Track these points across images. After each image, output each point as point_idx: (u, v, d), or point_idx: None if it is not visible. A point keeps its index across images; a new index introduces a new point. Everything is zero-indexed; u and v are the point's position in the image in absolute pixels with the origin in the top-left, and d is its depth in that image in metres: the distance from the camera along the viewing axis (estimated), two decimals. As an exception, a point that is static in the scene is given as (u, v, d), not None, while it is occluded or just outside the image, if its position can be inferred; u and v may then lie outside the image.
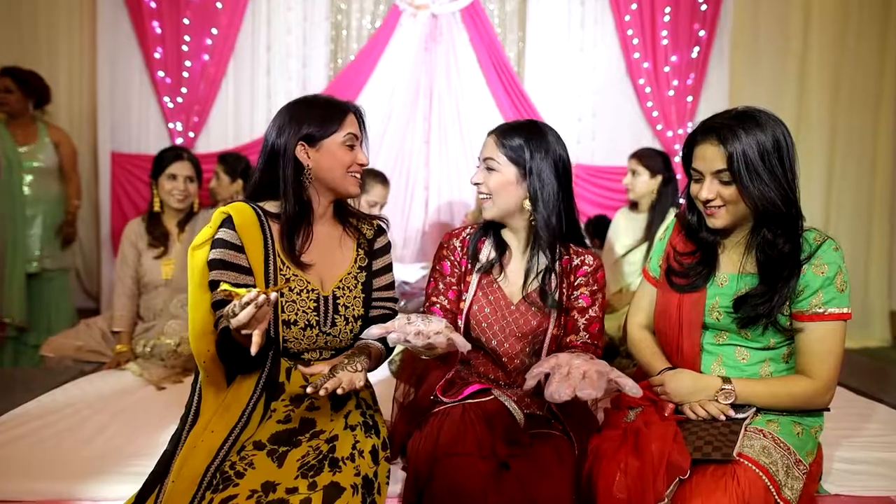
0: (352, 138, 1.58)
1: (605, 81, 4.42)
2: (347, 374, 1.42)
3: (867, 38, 4.51)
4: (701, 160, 1.48)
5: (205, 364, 1.50)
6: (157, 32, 4.09)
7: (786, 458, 1.39)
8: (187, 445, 1.42)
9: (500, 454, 1.45)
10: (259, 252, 1.52)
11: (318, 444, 1.45)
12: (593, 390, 1.25)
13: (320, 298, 1.56)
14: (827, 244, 1.47)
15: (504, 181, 1.64)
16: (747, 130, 1.41)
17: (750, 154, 1.40)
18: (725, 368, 1.55)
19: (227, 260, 1.48)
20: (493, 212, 1.67)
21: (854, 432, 1.93)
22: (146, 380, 2.42)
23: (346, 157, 1.56)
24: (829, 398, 1.49)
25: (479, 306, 1.68)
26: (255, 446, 1.43)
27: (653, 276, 1.71)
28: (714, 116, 1.50)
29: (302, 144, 1.53)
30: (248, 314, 1.20)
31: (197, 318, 1.50)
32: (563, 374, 1.29)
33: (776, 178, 1.42)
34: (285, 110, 1.58)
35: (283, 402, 1.52)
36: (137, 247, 2.70)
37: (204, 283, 1.50)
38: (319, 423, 1.51)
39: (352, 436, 1.50)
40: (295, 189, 1.54)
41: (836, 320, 1.45)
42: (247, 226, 1.52)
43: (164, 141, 4.14)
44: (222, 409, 1.47)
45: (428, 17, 4.21)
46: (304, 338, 1.54)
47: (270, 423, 1.48)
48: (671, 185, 3.14)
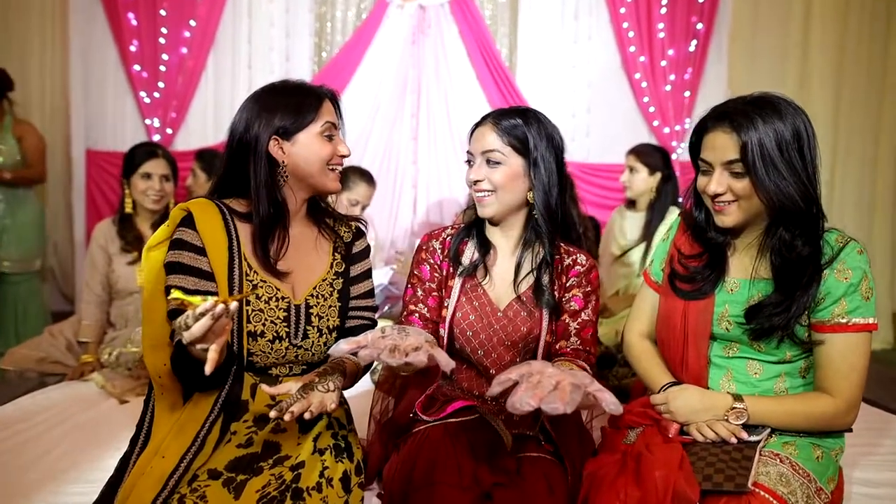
0: (330, 128, 1.41)
1: (600, 76, 4.29)
2: (318, 395, 1.25)
3: (869, 33, 4.40)
4: (711, 150, 1.32)
5: (161, 379, 1.33)
6: (132, 24, 3.93)
7: (805, 486, 1.24)
8: (135, 472, 1.27)
9: (483, 483, 1.29)
10: (223, 255, 1.35)
11: (282, 471, 1.29)
12: (561, 404, 1.05)
13: (291, 307, 1.40)
14: (850, 246, 1.31)
15: (511, 174, 1.48)
16: (765, 118, 1.26)
17: (767, 144, 1.24)
18: (736, 384, 1.39)
19: (186, 263, 1.31)
20: (494, 209, 1.50)
21: (871, 449, 1.78)
22: (109, 392, 2.25)
23: (324, 150, 1.40)
24: (851, 418, 1.33)
25: (462, 313, 1.53)
26: (210, 475, 1.26)
27: (654, 281, 1.55)
28: (727, 102, 1.35)
29: (275, 139, 1.36)
30: (202, 327, 1.04)
31: (152, 328, 1.34)
32: (533, 383, 1.10)
33: (795, 172, 1.26)
34: (252, 101, 1.40)
35: (245, 422, 1.35)
36: (108, 251, 2.53)
37: (160, 287, 1.33)
38: (285, 448, 1.34)
39: (320, 461, 1.33)
40: (268, 188, 1.37)
41: (860, 331, 1.29)
42: (209, 225, 1.35)
43: (140, 138, 3.97)
44: (176, 429, 1.30)
45: (416, 9, 4.07)
46: (271, 351, 1.37)
47: (229, 448, 1.31)
48: (670, 182, 3.04)
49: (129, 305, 2.51)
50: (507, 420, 1.46)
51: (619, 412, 1.08)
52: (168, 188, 2.56)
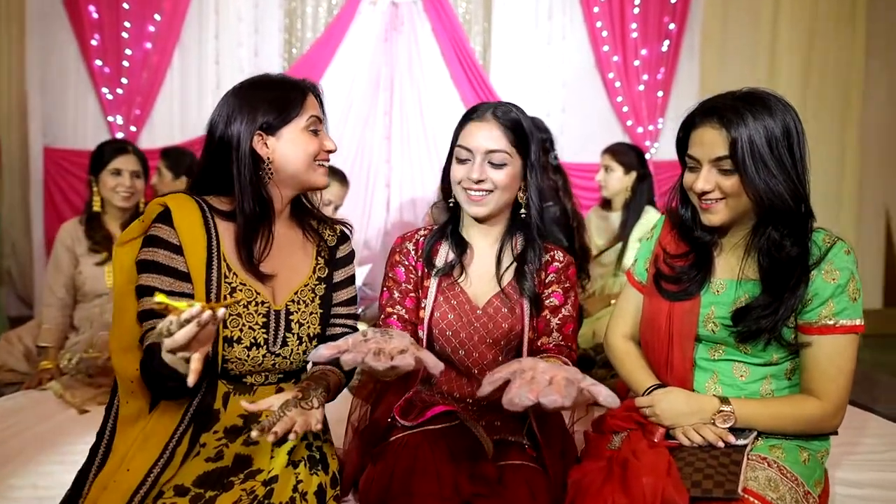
0: (315, 122, 1.36)
1: (574, 75, 4.29)
2: (302, 413, 1.18)
3: (836, 33, 4.49)
4: (699, 145, 1.28)
5: (131, 385, 1.25)
6: (93, 18, 3.80)
7: (794, 490, 1.22)
8: (97, 485, 1.19)
9: (463, 493, 1.24)
10: (201, 254, 1.27)
11: (254, 486, 1.21)
12: (559, 397, 1.02)
13: (271, 313, 1.33)
14: (838, 247, 1.29)
15: (513, 174, 1.45)
16: (755, 114, 1.23)
17: (757, 140, 1.21)
18: (722, 387, 1.36)
19: (162, 262, 1.24)
20: (489, 209, 1.45)
21: (851, 448, 1.78)
22: (68, 402, 2.14)
23: (310, 145, 1.34)
24: (838, 421, 1.32)
25: (441, 313, 1.48)
26: (177, 491, 1.18)
27: (638, 281, 1.51)
28: (716, 97, 1.31)
29: (259, 134, 1.31)
30: (187, 334, 0.95)
31: (121, 330, 1.27)
32: (527, 379, 1.06)
33: (785, 170, 1.23)
34: (233, 96, 1.33)
35: (216, 433, 1.27)
36: (75, 252, 2.43)
37: (131, 287, 1.26)
38: (257, 461, 1.26)
39: (293, 475, 1.26)
40: (253, 186, 1.31)
41: (847, 333, 1.27)
42: (187, 222, 1.28)
43: (102, 135, 3.84)
44: (141, 440, 1.22)
45: (388, 6, 4.01)
46: (248, 358, 1.30)
47: (197, 462, 1.23)
48: (646, 181, 3.05)
49: (96, 308, 2.42)
50: (487, 426, 1.42)
51: (616, 405, 1.05)
52: (138, 185, 2.48)
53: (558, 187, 2.36)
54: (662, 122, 4.29)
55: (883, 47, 4.71)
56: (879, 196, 4.86)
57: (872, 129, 4.75)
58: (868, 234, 4.82)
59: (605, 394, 1.05)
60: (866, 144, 4.70)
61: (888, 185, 4.89)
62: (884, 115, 4.80)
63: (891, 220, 4.93)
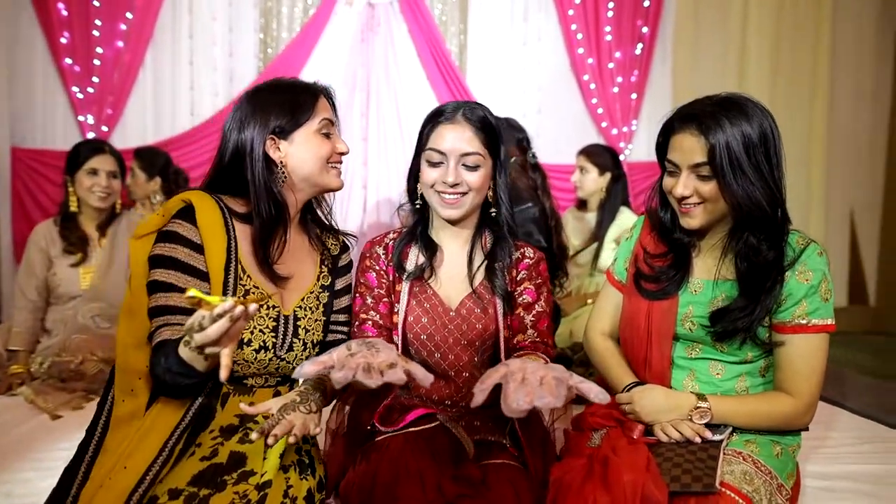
0: (327, 125, 1.37)
1: (550, 77, 4.33)
2: (300, 417, 1.18)
3: (802, 40, 4.62)
4: (678, 151, 1.31)
5: (136, 382, 1.25)
6: (62, 15, 3.72)
7: (768, 483, 1.25)
8: (92, 483, 1.19)
9: (447, 494, 1.24)
10: (221, 255, 1.27)
11: (247, 490, 1.21)
12: (553, 398, 1.03)
13: (280, 317, 1.34)
14: (811, 248, 1.33)
15: (486, 175, 1.45)
16: (732, 120, 1.25)
17: (734, 147, 1.24)
18: (699, 384, 1.40)
19: (181, 259, 1.23)
20: (463, 211, 1.45)
21: (821, 442, 1.83)
22: (40, 407, 2.08)
23: (323, 147, 1.35)
24: (809, 418, 1.36)
25: (414, 317, 1.48)
26: (171, 495, 1.17)
27: (618, 280, 1.54)
28: (694, 102, 1.33)
29: (272, 138, 1.32)
30: (220, 329, 0.95)
31: (135, 325, 1.26)
32: (518, 381, 1.07)
33: (762, 176, 1.26)
34: (246, 101, 1.35)
35: (212, 432, 1.28)
36: (49, 253, 2.39)
37: (145, 282, 1.25)
38: (250, 461, 1.25)
39: (284, 479, 1.25)
40: (268, 189, 1.32)
41: (819, 332, 1.31)
42: (210, 221, 1.28)
43: (73, 135, 3.77)
44: (138, 438, 1.21)
45: (364, 7, 4.00)
46: (255, 361, 1.31)
47: (192, 461, 1.23)
48: (620, 182, 3.08)
49: (69, 310, 2.37)
50: (468, 426, 1.43)
51: (606, 400, 1.06)
52: (115, 185, 2.45)
53: (537, 186, 2.38)
54: (636, 123, 4.35)
55: (848, 52, 4.84)
56: (845, 198, 5.00)
57: (838, 132, 4.87)
58: (834, 234, 4.95)
59: (595, 391, 1.06)
60: (832, 147, 4.82)
61: (853, 187, 5.03)
62: (849, 119, 4.93)
63: (855, 220, 5.08)
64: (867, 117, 5.00)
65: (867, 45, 4.91)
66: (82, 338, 2.32)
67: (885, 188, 5.11)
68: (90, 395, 2.20)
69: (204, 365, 1.07)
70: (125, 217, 2.54)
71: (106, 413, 1.28)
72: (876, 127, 5.05)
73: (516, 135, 2.42)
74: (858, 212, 5.07)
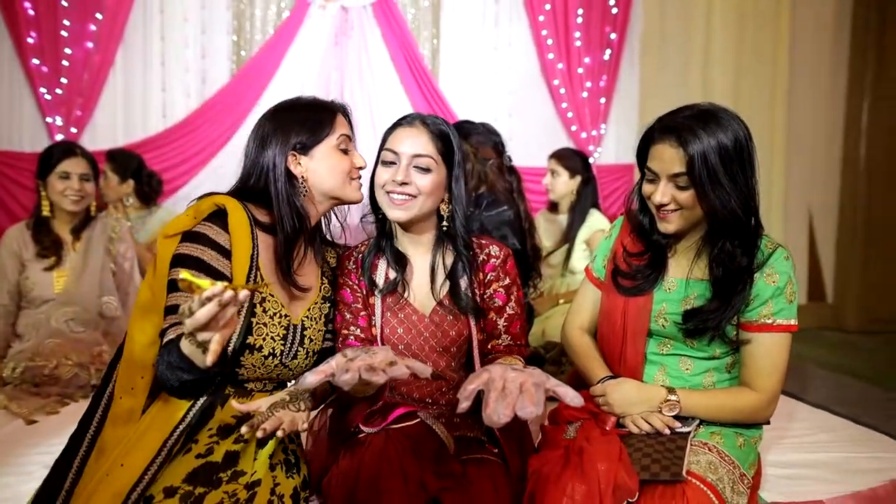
0: (345, 140, 1.43)
1: (521, 82, 4.39)
2: (289, 414, 1.23)
3: (761, 49, 4.76)
4: (658, 161, 1.37)
5: (139, 381, 1.28)
6: (29, 14, 3.65)
7: (731, 472, 1.33)
8: (89, 479, 1.21)
9: (430, 488, 1.29)
10: (245, 263, 1.30)
11: (236, 489, 1.24)
12: (534, 407, 1.07)
13: (290, 326, 1.38)
14: (779, 252, 1.41)
15: (438, 182, 1.47)
16: (709, 133, 1.31)
17: (711, 160, 1.30)
18: (669, 378, 1.47)
19: (207, 261, 1.26)
20: (411, 214, 1.46)
21: (782, 433, 1.93)
22: (14, 413, 2.07)
23: (343, 162, 1.42)
24: (771, 412, 1.45)
25: (390, 329, 1.51)
26: (166, 493, 1.19)
27: (596, 277, 1.61)
28: (674, 114, 1.39)
29: (293, 154, 1.37)
30: (208, 313, 0.95)
31: (150, 323, 1.29)
32: (499, 390, 1.11)
33: (737, 186, 1.33)
34: (266, 120, 1.42)
35: (209, 431, 1.30)
36: (21, 257, 2.37)
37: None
38: (242, 461, 1.29)
39: (271, 477, 1.29)
40: (291, 203, 1.37)
41: (783, 332, 1.40)
42: (239, 229, 1.32)
43: (41, 136, 3.73)
44: (137, 436, 1.24)
45: (338, 10, 4.02)
46: (262, 366, 1.35)
47: (187, 459, 1.25)
48: (590, 185, 3.15)
49: (42, 314, 2.35)
50: (448, 423, 1.47)
51: (580, 404, 1.11)
52: (88, 188, 2.44)
53: (513, 189, 2.43)
54: (605, 127, 4.45)
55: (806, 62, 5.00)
56: (803, 199, 5.16)
57: (797, 137, 5.03)
58: (794, 234, 5.10)
59: (570, 395, 1.11)
60: (791, 151, 4.98)
61: (811, 188, 5.19)
62: (807, 124, 5.09)
63: (813, 220, 5.25)
64: (824, 123, 5.18)
65: (824, 54, 5.10)
66: (56, 342, 2.31)
67: (841, 190, 5.28)
68: (65, 400, 2.19)
69: (203, 360, 1.06)
70: (100, 221, 2.52)
71: (102, 409, 1.30)
72: (832, 132, 5.23)
73: (492, 138, 2.47)
74: (816, 212, 5.23)
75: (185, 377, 1.16)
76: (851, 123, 5.21)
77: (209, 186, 3.88)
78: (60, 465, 1.31)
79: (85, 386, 2.26)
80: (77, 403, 2.17)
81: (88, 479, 1.24)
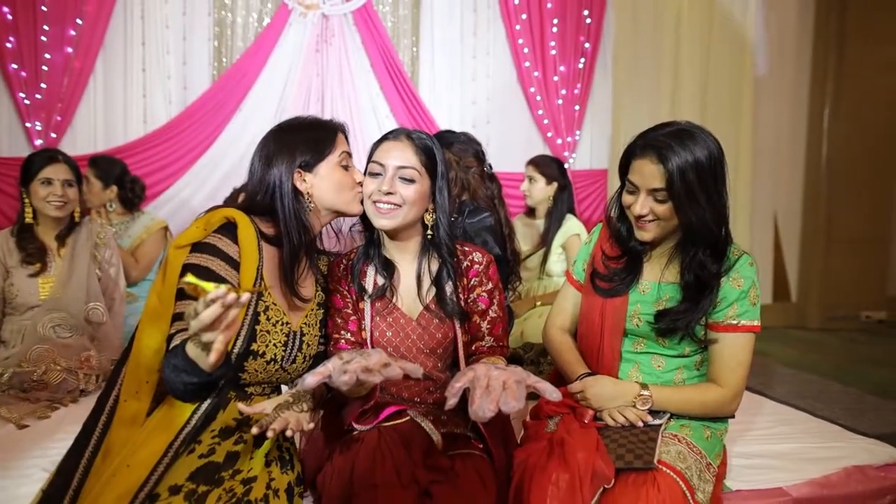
0: (346, 157, 1.52)
1: (498, 89, 4.49)
2: (294, 415, 1.31)
3: (728, 58, 4.93)
4: (639, 175, 1.48)
5: (144, 385, 1.34)
6: (8, 19, 3.64)
7: (698, 462, 1.44)
8: (97, 480, 1.26)
9: (420, 481, 1.38)
10: (251, 274, 1.38)
11: (233, 485, 1.31)
12: (516, 402, 1.17)
13: (290, 333, 1.46)
14: (743, 259, 1.53)
15: (422, 192, 1.55)
16: (687, 150, 1.41)
17: (689, 176, 1.41)
18: (642, 375, 1.59)
19: (215, 270, 1.33)
20: (395, 223, 1.53)
21: (747, 427, 2.05)
22: (4, 417, 2.08)
23: (344, 178, 1.51)
24: (736, 406, 1.56)
25: (379, 332, 1.60)
26: (171, 491, 1.25)
27: (577, 280, 1.72)
28: (654, 130, 1.49)
29: (298, 171, 1.45)
30: (212, 314, 1.02)
31: (157, 329, 1.35)
32: (483, 388, 1.20)
33: (711, 199, 1.44)
34: (271, 139, 1.49)
35: (212, 432, 1.37)
36: (6, 264, 2.39)
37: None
38: (241, 459, 1.36)
39: (267, 473, 1.37)
40: (297, 217, 1.45)
41: (747, 332, 1.52)
42: (248, 241, 1.40)
43: (20, 141, 3.72)
44: (142, 438, 1.30)
45: (319, 18, 4.07)
46: (263, 371, 1.42)
47: (191, 459, 1.32)
48: (566, 191, 3.24)
49: (27, 321, 2.37)
50: (436, 420, 1.55)
51: (558, 398, 1.21)
52: (71, 194, 2.45)
53: (493, 196, 2.50)
54: (579, 133, 4.57)
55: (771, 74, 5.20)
56: (769, 203, 5.35)
57: (762, 144, 5.22)
58: (759, 237, 5.29)
59: (549, 390, 1.21)
60: (757, 157, 5.16)
61: (776, 193, 5.39)
62: (772, 132, 5.29)
63: (778, 224, 5.44)
64: (787, 129, 5.39)
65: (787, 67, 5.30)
66: (44, 348, 2.32)
67: (804, 194, 5.50)
68: (54, 405, 2.20)
69: (207, 363, 1.12)
70: (84, 227, 2.54)
71: (108, 412, 1.36)
72: (796, 139, 5.44)
73: (474, 147, 2.55)
74: (781, 216, 5.43)
75: (189, 380, 1.21)
76: (813, 129, 5.43)
77: (190, 191, 3.94)
78: (66, 465, 1.36)
79: (73, 390, 2.28)
80: (67, 408, 2.20)
81: (95, 479, 1.29)
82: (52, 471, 1.43)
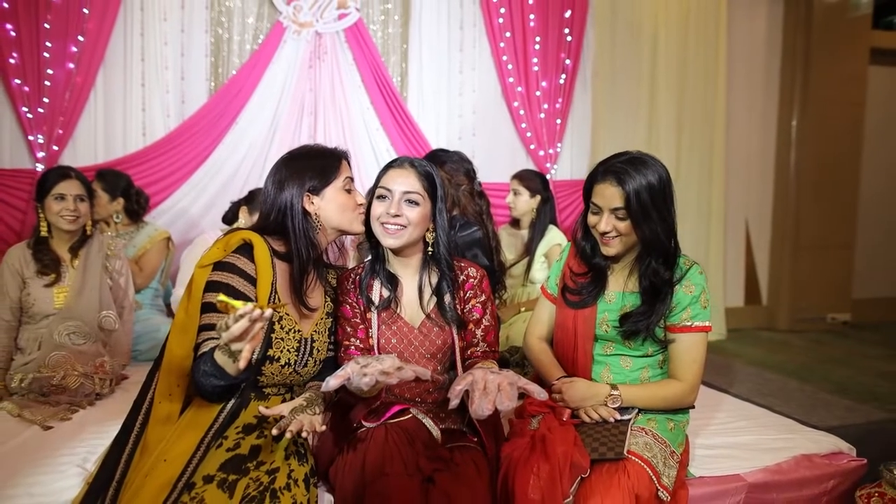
0: (349, 182, 1.70)
1: (483, 103, 4.67)
2: (308, 417, 1.48)
3: (702, 73, 5.15)
4: (601, 197, 1.69)
5: (175, 389, 1.52)
6: (11, 36, 3.74)
7: (663, 450, 1.66)
8: (137, 473, 1.43)
9: (424, 470, 1.57)
10: (266, 289, 1.56)
11: (259, 475, 1.49)
12: (510, 402, 1.39)
13: (302, 339, 1.64)
14: (694, 268, 1.75)
15: (425, 213, 1.73)
16: (641, 174, 1.64)
17: (643, 196, 1.63)
18: (613, 375, 1.80)
19: (237, 287, 1.51)
20: (402, 241, 1.70)
21: (708, 420, 2.27)
22: (28, 420, 2.23)
23: (348, 200, 1.68)
24: (694, 398, 1.78)
25: (385, 339, 1.77)
26: (205, 480, 1.43)
27: (551, 294, 1.93)
28: (613, 159, 1.71)
29: (307, 195, 1.63)
30: (241, 327, 1.22)
31: (187, 339, 1.52)
32: (481, 390, 1.41)
33: (663, 215, 1.67)
34: (282, 166, 1.67)
35: (236, 429, 1.55)
36: (23, 275, 2.51)
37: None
38: (263, 452, 1.55)
39: (286, 465, 1.55)
40: (306, 235, 1.63)
41: (699, 332, 1.74)
42: (263, 260, 1.57)
43: (22, 153, 3.82)
44: (176, 435, 1.47)
45: (312, 35, 4.21)
46: (278, 374, 1.60)
47: (220, 452, 1.50)
48: (549, 204, 3.43)
49: (43, 329, 2.49)
50: (436, 418, 1.75)
51: (544, 397, 1.44)
52: (83, 208, 2.58)
53: (482, 211, 2.69)
54: (560, 146, 4.76)
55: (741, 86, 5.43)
56: (740, 209, 5.58)
57: (734, 152, 5.45)
58: (732, 242, 5.51)
59: (537, 390, 1.43)
60: (729, 165, 5.37)
61: (747, 199, 5.62)
62: (743, 141, 5.52)
63: (749, 229, 5.68)
64: (758, 140, 5.63)
65: (757, 76, 5.55)
66: (62, 354, 2.45)
67: (773, 201, 5.74)
68: (73, 407, 2.35)
69: (233, 368, 1.32)
70: (96, 238, 2.67)
71: (144, 412, 1.54)
72: (765, 148, 5.69)
73: (465, 165, 2.73)
74: (752, 223, 5.67)
75: (217, 383, 1.41)
76: (782, 138, 5.67)
77: (188, 201, 4.08)
78: (109, 460, 1.53)
79: (90, 394, 2.44)
80: (85, 410, 2.36)
81: (135, 473, 1.47)
82: (96, 465, 1.60)
